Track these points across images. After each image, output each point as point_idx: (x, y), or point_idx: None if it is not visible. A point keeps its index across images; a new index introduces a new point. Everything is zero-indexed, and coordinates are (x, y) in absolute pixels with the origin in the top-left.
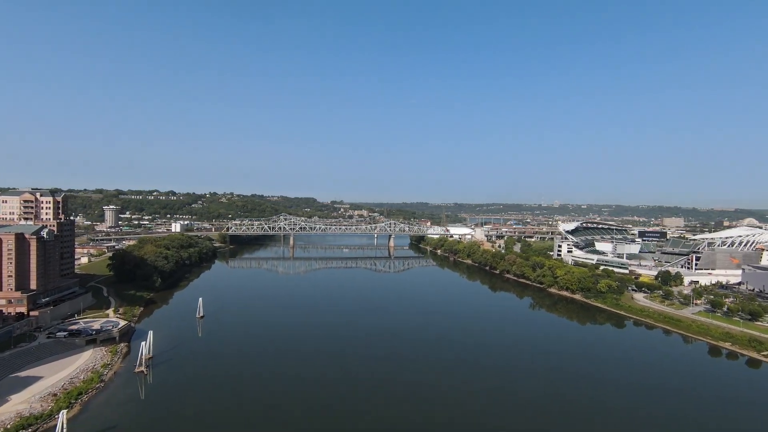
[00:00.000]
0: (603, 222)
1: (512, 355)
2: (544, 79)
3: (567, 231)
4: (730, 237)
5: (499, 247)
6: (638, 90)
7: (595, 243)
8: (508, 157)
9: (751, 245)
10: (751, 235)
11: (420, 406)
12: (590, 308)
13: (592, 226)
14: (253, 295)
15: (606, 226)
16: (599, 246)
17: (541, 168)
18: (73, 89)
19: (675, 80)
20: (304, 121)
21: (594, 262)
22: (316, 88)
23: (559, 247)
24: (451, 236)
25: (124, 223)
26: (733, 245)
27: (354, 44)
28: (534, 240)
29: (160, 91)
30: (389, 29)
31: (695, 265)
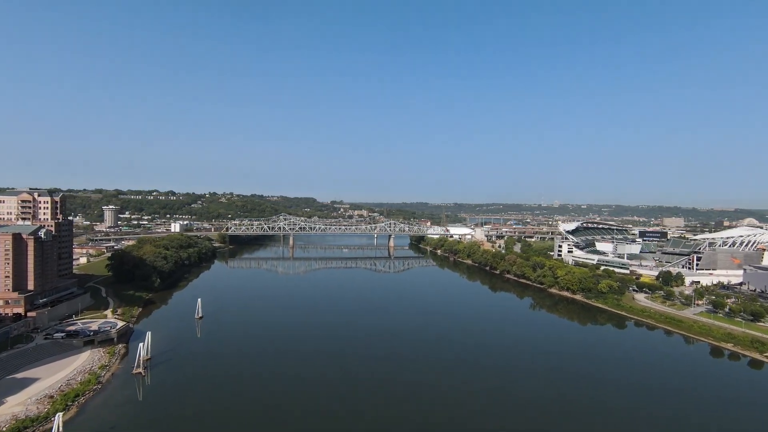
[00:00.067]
0: (603, 222)
1: (512, 355)
2: (544, 79)
3: (567, 231)
4: (731, 237)
5: (499, 247)
6: (638, 90)
7: (596, 243)
8: (508, 157)
9: (752, 245)
10: (752, 235)
11: (420, 407)
12: (591, 309)
13: (592, 226)
14: (253, 296)
15: (606, 226)
16: (600, 246)
17: (541, 168)
18: (73, 89)
19: (675, 80)
20: (304, 120)
21: (595, 263)
22: (316, 88)
23: (560, 247)
24: (451, 236)
25: (124, 223)
26: (734, 245)
27: (354, 44)
28: (534, 240)
29: (160, 91)
30: (389, 29)
31: (696, 265)
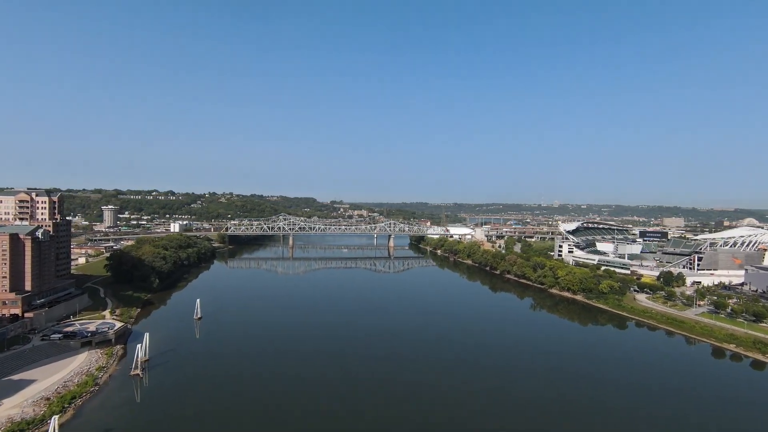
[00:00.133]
0: (603, 222)
1: (513, 355)
2: (544, 79)
3: (568, 231)
4: (732, 237)
5: (500, 247)
6: (638, 90)
7: (596, 243)
8: (508, 157)
9: (754, 245)
10: (754, 236)
11: (420, 407)
12: (592, 309)
13: (592, 226)
14: (252, 296)
15: (607, 227)
16: (600, 246)
17: (541, 168)
18: (73, 89)
19: (675, 80)
20: (304, 120)
21: (595, 263)
22: (316, 88)
23: (560, 247)
24: (451, 236)
25: (123, 223)
26: (736, 245)
27: (354, 44)
28: (534, 240)
29: (160, 91)
30: (389, 29)
31: (697, 265)
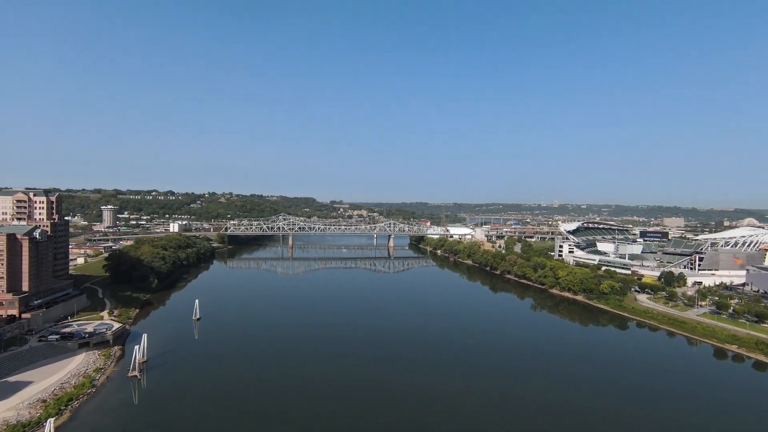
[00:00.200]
0: (604, 222)
1: (513, 356)
2: (544, 79)
3: (568, 231)
4: (733, 237)
5: (500, 247)
6: (638, 90)
7: (597, 243)
8: (508, 157)
9: (755, 245)
10: (755, 236)
11: (420, 407)
12: (593, 309)
13: (593, 226)
14: (252, 296)
15: (607, 227)
16: (601, 246)
17: (541, 168)
18: (73, 89)
19: (675, 80)
20: (304, 120)
21: (596, 263)
22: (316, 88)
23: (560, 247)
24: (451, 236)
25: (122, 223)
26: (737, 246)
27: (354, 44)
28: (534, 240)
29: (160, 90)
30: (389, 29)
31: (698, 265)
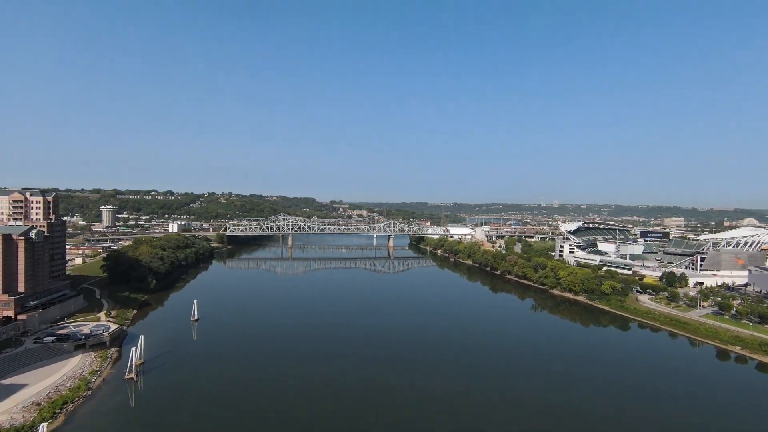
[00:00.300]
0: (604, 222)
1: (514, 356)
2: (543, 79)
3: (569, 231)
4: (735, 237)
5: (500, 247)
6: (638, 90)
7: (598, 243)
8: (508, 157)
9: (756, 246)
10: (756, 236)
11: (420, 407)
12: (594, 310)
13: (593, 226)
14: (251, 296)
15: (608, 227)
16: (602, 246)
17: (540, 168)
18: (73, 89)
19: (675, 80)
20: (304, 120)
21: (597, 263)
22: (316, 88)
23: (561, 247)
24: (451, 236)
25: (121, 223)
26: (738, 246)
27: (354, 44)
28: (534, 240)
29: (160, 90)
30: (389, 29)
31: (700, 266)
